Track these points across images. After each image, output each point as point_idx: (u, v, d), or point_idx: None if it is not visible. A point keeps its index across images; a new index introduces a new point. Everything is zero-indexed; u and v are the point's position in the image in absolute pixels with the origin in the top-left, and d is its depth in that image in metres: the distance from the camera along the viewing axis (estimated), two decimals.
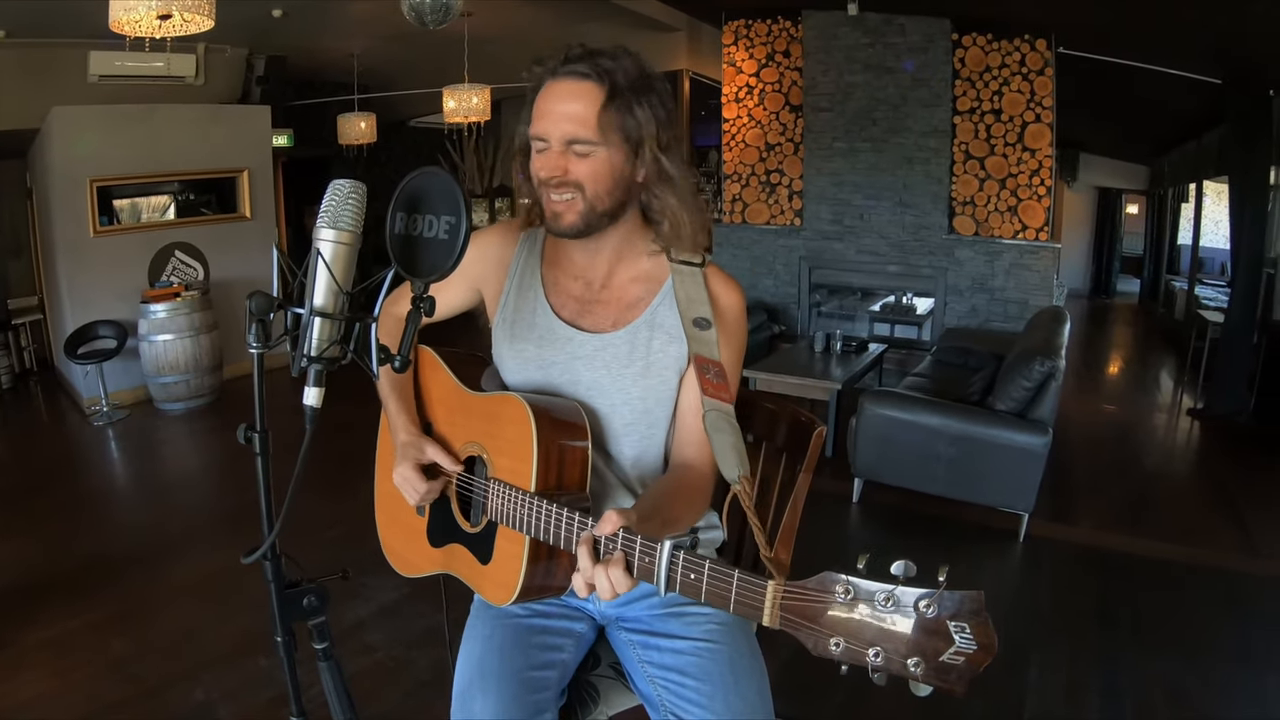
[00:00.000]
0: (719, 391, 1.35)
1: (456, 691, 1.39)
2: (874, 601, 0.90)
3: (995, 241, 7.00)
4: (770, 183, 7.97)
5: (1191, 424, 6.38)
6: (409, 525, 1.58)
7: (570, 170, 1.30)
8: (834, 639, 0.93)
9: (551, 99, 1.30)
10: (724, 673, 1.34)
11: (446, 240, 1.09)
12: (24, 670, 2.96)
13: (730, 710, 1.30)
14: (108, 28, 5.43)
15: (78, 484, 5.09)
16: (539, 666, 1.39)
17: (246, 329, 1.04)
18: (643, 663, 1.41)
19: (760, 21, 7.71)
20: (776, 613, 0.98)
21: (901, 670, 0.89)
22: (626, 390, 1.42)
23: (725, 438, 1.31)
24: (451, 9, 4.49)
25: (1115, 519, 4.47)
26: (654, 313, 1.43)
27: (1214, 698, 2.87)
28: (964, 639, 0.87)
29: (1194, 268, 9.98)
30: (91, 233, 6.41)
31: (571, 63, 1.30)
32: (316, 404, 1.07)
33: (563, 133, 1.29)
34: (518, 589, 1.30)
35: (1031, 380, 3.97)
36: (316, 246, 1.06)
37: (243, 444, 1.08)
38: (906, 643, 0.89)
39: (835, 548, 3.97)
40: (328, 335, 1.06)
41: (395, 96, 9.78)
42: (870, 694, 2.74)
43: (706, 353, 1.37)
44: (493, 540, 1.37)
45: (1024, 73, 6.69)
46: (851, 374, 5.67)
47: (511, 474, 1.32)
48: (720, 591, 1.02)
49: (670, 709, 1.34)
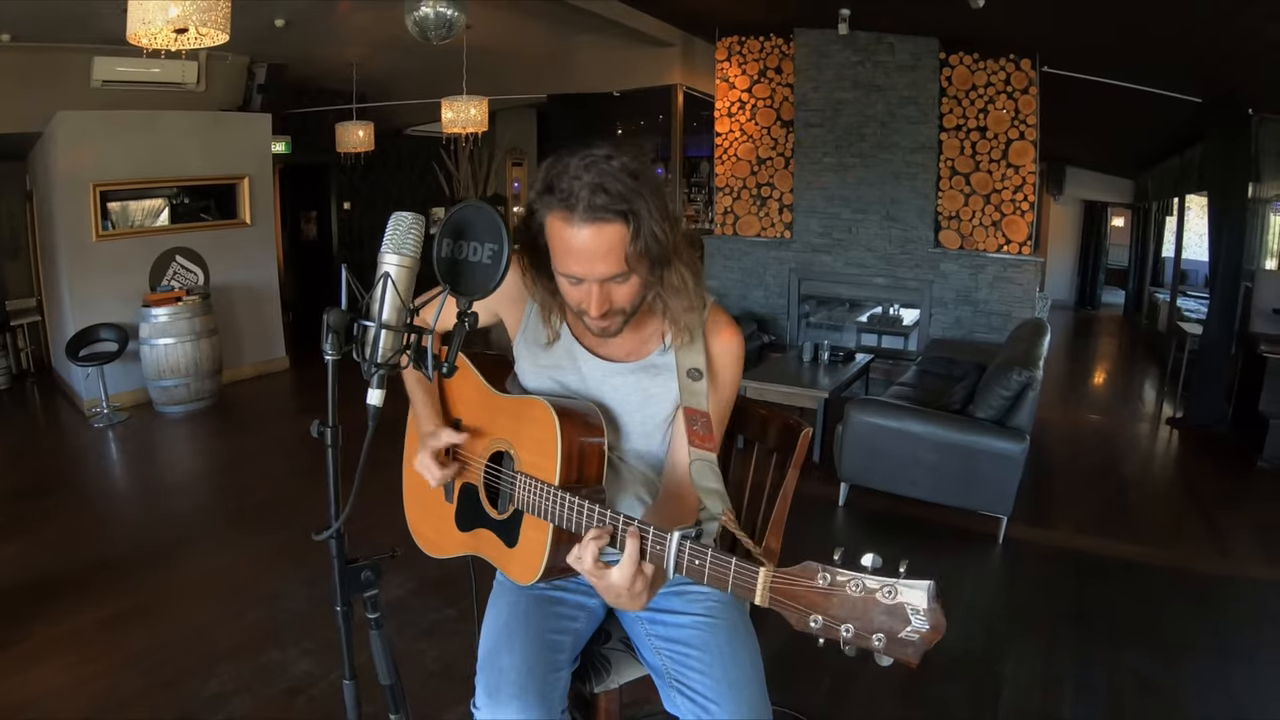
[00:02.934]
0: (704, 442, 1.50)
1: (483, 650, 1.54)
2: (847, 587, 1.08)
3: (979, 255, 7.15)
4: (761, 196, 8.11)
5: (1171, 433, 6.56)
6: (437, 512, 1.74)
7: (613, 300, 1.44)
8: (813, 616, 1.10)
9: (582, 242, 1.37)
10: (722, 644, 1.52)
11: (490, 264, 1.26)
12: (40, 663, 3.04)
13: (727, 676, 1.47)
14: (111, 33, 5.53)
15: (82, 485, 5.18)
16: (556, 631, 1.56)
17: (323, 338, 1.19)
18: (650, 636, 1.58)
19: (753, 38, 7.86)
20: (766, 594, 1.14)
21: (867, 644, 1.06)
22: (631, 415, 1.61)
23: (709, 484, 1.48)
24: (455, 25, 4.61)
25: (1092, 523, 4.62)
26: (657, 358, 1.60)
27: (1183, 689, 3.01)
28: (918, 620, 1.03)
29: (1176, 280, 10.17)
30: (94, 237, 6.49)
31: (591, 210, 1.34)
32: (379, 404, 1.22)
33: (599, 274, 1.40)
34: (541, 569, 1.46)
35: (1010, 389, 4.13)
36: (385, 269, 1.21)
37: (315, 437, 1.21)
38: (872, 621, 1.05)
39: (822, 547, 4.09)
40: (391, 345, 1.22)
41: (392, 106, 9.86)
42: (853, 683, 2.91)
43: (695, 404, 1.51)
44: (519, 527, 1.53)
45: (1009, 91, 6.86)
46: (839, 383, 5.81)
47: (537, 469, 1.47)
48: (720, 575, 1.19)
49: (675, 676, 1.51)
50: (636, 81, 9.00)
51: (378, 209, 11.20)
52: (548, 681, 1.47)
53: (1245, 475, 5.48)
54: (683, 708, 1.49)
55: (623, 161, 1.37)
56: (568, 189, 1.35)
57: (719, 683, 1.47)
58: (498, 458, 1.61)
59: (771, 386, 5.66)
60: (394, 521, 1.85)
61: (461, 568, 1.76)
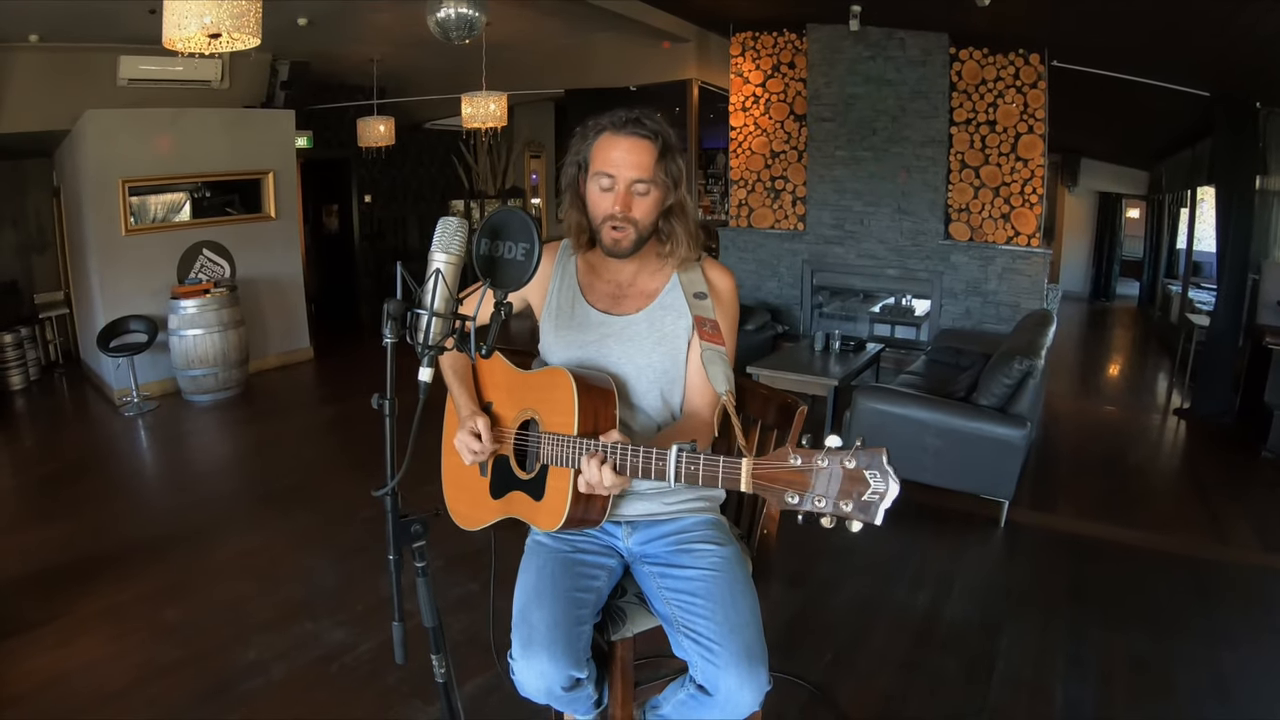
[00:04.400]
0: (714, 338, 1.79)
1: (517, 609, 1.74)
2: (814, 462, 1.31)
3: (989, 247, 7.27)
4: (775, 189, 8.26)
5: (1177, 424, 6.62)
6: (473, 488, 1.95)
7: (632, 207, 1.75)
8: (789, 494, 1.33)
9: (620, 149, 1.73)
10: (724, 594, 1.70)
11: (523, 261, 1.50)
12: (81, 636, 3.20)
13: (729, 620, 1.65)
14: (138, 32, 5.66)
15: (116, 470, 5.37)
16: (580, 590, 1.76)
17: (383, 324, 1.40)
18: (661, 589, 1.77)
19: (767, 34, 8.00)
20: (750, 480, 1.38)
21: (839, 510, 1.29)
22: (648, 356, 1.84)
23: (717, 367, 1.76)
24: (476, 26, 4.73)
25: (1094, 509, 4.73)
26: (665, 297, 1.88)
27: (1173, 668, 3.12)
28: (876, 481, 1.27)
29: (1187, 272, 10.19)
30: (123, 231, 6.68)
31: (632, 124, 1.74)
32: (429, 380, 1.43)
33: (629, 176, 1.73)
34: (565, 515, 1.66)
35: (1011, 377, 4.26)
36: (436, 266, 1.42)
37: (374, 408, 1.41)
38: (840, 489, 1.29)
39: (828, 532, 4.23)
40: (440, 330, 1.42)
41: (413, 101, 10.01)
42: (855, 653, 3.06)
43: (703, 313, 1.82)
44: (544, 481, 1.74)
45: (1018, 86, 6.96)
46: (849, 371, 5.95)
47: (559, 427, 1.69)
48: (711, 473, 1.43)
49: (683, 623, 1.69)
50: (652, 76, 9.10)
51: (398, 202, 11.42)
52: (573, 634, 1.66)
53: (1249, 465, 5.56)
54: (690, 651, 1.67)
55: (657, 115, 1.78)
56: (616, 117, 1.74)
57: (721, 626, 1.64)
58: (525, 426, 1.81)
59: (783, 375, 5.80)
60: (433, 492, 2.03)
61: (485, 544, 1.94)
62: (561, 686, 1.65)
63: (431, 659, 1.55)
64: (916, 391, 4.78)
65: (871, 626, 3.37)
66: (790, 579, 3.69)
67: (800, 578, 3.73)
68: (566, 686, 1.66)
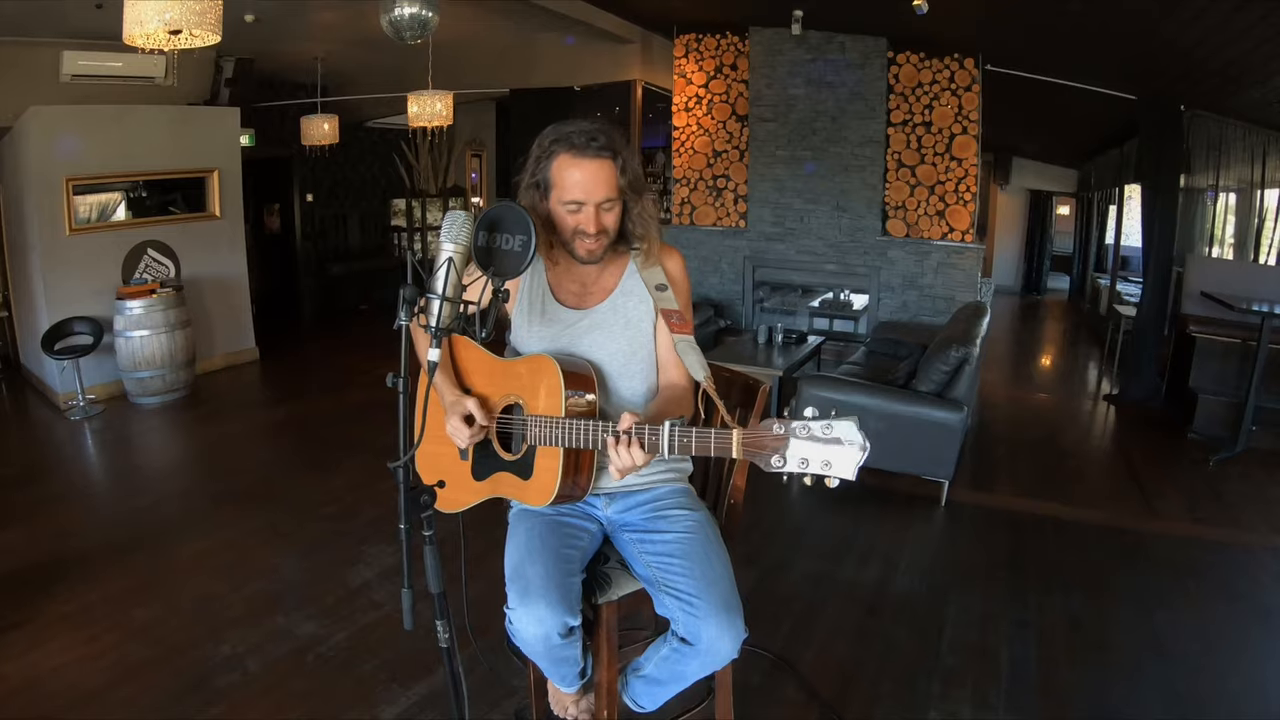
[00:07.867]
0: (682, 328, 1.95)
1: (510, 566, 1.87)
2: (796, 430, 1.50)
3: (924, 243, 7.55)
4: (717, 187, 8.43)
5: (1108, 408, 6.99)
6: (452, 472, 2.04)
7: (603, 223, 1.88)
8: (775, 457, 1.52)
9: (583, 172, 1.84)
10: (700, 553, 1.87)
11: (520, 251, 1.64)
12: (50, 640, 3.15)
13: (706, 576, 1.82)
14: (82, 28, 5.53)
15: (68, 474, 5.27)
16: (567, 547, 1.91)
17: (399, 307, 1.50)
18: (641, 553, 1.93)
19: (710, 36, 8.16)
20: (741, 447, 1.56)
21: (821, 469, 1.49)
22: (617, 341, 2.00)
23: (692, 356, 1.91)
24: (429, 25, 4.75)
25: (1030, 487, 5.00)
26: (624, 285, 2.03)
27: (1108, 627, 3.38)
28: (851, 445, 1.47)
29: (1116, 265, 10.63)
30: (67, 231, 6.52)
31: (591, 145, 1.83)
32: (437, 360, 1.55)
33: (598, 198, 1.85)
34: (555, 492, 1.81)
35: (948, 364, 4.49)
36: (447, 255, 1.55)
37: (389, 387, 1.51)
38: (819, 451, 1.49)
39: (781, 512, 4.44)
40: (449, 314, 1.54)
41: (355, 100, 9.93)
42: (811, 623, 3.23)
43: (667, 305, 1.97)
44: (532, 461, 1.88)
45: (953, 88, 7.24)
46: (792, 363, 6.16)
47: (546, 409, 1.82)
48: (704, 444, 1.61)
49: (664, 583, 1.85)
50: (597, 76, 9.17)
51: (339, 200, 11.35)
52: (565, 585, 1.81)
53: (1176, 445, 5.88)
54: (671, 607, 1.82)
55: (603, 125, 1.88)
56: (573, 138, 1.84)
57: (700, 581, 1.80)
58: (508, 410, 1.93)
59: (729, 367, 5.89)
60: None
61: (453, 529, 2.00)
62: (558, 633, 1.79)
63: (436, 624, 1.65)
64: (858, 379, 4.98)
65: (824, 600, 3.54)
66: (743, 558, 3.81)
67: (753, 557, 3.89)
68: (562, 634, 1.80)
